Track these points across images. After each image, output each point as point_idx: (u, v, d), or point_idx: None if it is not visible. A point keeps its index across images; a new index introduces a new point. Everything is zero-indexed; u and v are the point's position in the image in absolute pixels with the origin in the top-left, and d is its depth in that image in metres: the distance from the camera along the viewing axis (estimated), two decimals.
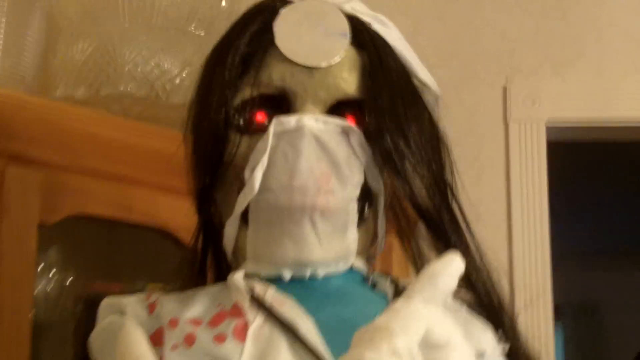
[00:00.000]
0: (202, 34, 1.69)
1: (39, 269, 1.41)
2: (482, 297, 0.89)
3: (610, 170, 4.18)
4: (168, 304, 0.87)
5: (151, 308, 0.87)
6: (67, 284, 1.49)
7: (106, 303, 0.90)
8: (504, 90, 2.34)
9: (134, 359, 0.79)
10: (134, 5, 1.63)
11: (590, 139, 2.52)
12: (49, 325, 1.41)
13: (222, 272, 0.94)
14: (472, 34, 2.39)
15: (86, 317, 1.49)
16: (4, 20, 1.48)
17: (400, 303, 0.72)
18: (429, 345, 0.71)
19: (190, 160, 0.93)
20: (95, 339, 0.88)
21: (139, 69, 1.58)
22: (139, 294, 0.90)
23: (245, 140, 0.87)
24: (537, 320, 2.23)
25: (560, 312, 5.86)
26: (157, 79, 1.59)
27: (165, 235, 1.48)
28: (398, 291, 0.88)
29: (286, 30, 0.88)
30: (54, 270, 1.46)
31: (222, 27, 1.71)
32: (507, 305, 0.91)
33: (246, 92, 0.88)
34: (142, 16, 1.63)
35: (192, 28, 1.68)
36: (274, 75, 0.87)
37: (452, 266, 0.73)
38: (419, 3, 2.40)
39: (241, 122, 0.88)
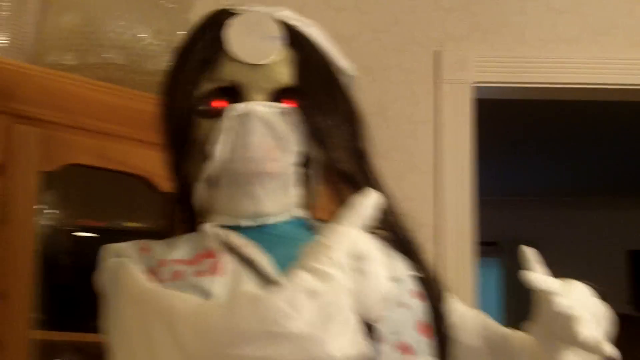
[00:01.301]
0: (173, 6, 1.88)
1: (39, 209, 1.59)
2: (396, 234, 1.09)
3: (530, 124, 4.41)
4: (156, 247, 1.07)
5: (142, 251, 1.07)
6: (61, 221, 1.70)
7: (106, 249, 1.08)
8: (437, 54, 2.50)
9: (134, 280, 1.02)
10: None
11: (513, 98, 2.71)
12: (47, 255, 1.60)
13: (191, 224, 1.14)
14: (409, 4, 2.52)
15: (77, 248, 1.75)
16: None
17: (333, 226, 0.94)
18: (355, 256, 0.92)
19: (164, 141, 1.13)
20: (101, 277, 1.07)
21: (119, 38, 1.77)
22: (132, 241, 1.09)
23: (206, 123, 1.07)
24: (462, 254, 2.44)
25: (498, 248, 6.10)
26: (134, 46, 1.78)
27: (141, 181, 1.68)
28: None
29: (233, 37, 1.09)
30: (50, 210, 1.68)
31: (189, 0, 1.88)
32: (417, 241, 1.13)
33: (205, 86, 1.08)
34: None
35: (164, 1, 1.87)
36: (226, 72, 1.08)
37: (369, 199, 0.96)
38: None
39: (202, 109, 1.08)
